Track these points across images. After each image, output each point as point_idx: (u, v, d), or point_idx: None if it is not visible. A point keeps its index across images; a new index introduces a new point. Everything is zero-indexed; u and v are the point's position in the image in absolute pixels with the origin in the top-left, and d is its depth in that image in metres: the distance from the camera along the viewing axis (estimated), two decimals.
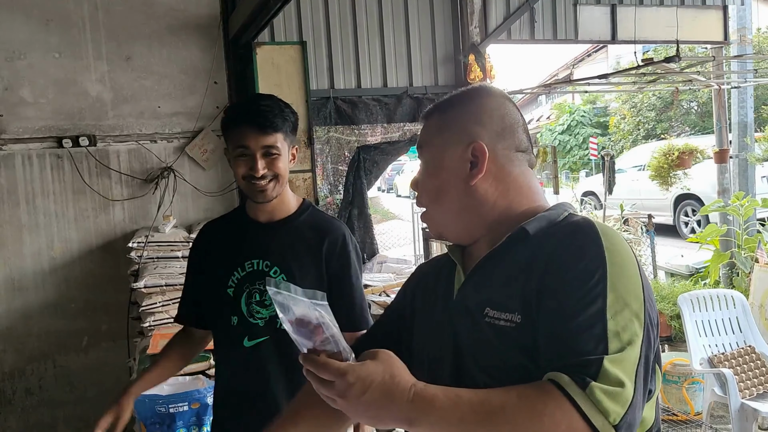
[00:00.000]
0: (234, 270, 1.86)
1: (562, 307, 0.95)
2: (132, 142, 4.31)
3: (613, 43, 5.76)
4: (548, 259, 1.00)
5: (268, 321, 1.84)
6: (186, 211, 4.39)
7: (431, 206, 1.18)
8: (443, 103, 1.20)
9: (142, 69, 4.30)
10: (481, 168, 1.11)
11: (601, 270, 0.96)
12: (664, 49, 15.02)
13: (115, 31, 4.23)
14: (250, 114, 1.76)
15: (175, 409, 2.69)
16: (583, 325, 0.93)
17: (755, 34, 15.42)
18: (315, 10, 4.79)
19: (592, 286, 0.95)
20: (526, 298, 1.00)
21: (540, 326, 0.97)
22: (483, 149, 1.11)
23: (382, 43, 4.97)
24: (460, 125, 1.15)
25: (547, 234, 1.05)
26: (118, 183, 4.29)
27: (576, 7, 5.49)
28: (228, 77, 4.46)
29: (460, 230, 1.17)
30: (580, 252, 0.99)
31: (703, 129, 17.46)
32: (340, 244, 1.88)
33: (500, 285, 1.06)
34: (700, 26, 6.00)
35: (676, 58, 4.10)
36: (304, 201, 1.95)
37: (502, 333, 1.01)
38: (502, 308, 1.03)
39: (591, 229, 1.02)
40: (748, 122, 6.59)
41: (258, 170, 1.75)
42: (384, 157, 4.94)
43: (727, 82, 6.40)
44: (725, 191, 6.50)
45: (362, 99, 4.87)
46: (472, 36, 5.05)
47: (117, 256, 4.20)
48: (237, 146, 1.77)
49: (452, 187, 1.14)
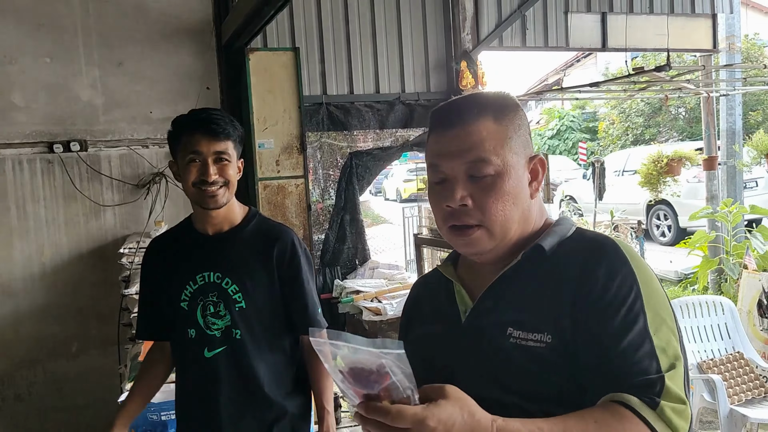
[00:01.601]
0: (186, 284, 1.88)
1: (608, 328, 0.96)
2: (123, 147, 4.29)
3: (604, 50, 5.81)
4: (579, 278, 1.00)
5: (224, 331, 1.86)
6: (178, 216, 4.35)
7: (498, 223, 1.06)
8: (488, 106, 1.09)
9: (134, 74, 4.29)
10: (541, 181, 1.09)
11: (635, 288, 0.97)
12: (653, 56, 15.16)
13: (108, 36, 4.22)
14: (202, 121, 1.79)
15: (168, 416, 2.68)
16: (634, 345, 0.94)
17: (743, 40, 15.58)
18: (308, 16, 4.80)
19: (631, 304, 0.96)
20: (557, 317, 0.99)
21: (586, 348, 0.97)
22: (544, 162, 1.09)
23: (375, 50, 4.99)
24: (524, 135, 1.10)
25: (566, 251, 1.05)
26: (110, 188, 4.28)
27: (567, 15, 5.53)
28: (221, 83, 4.46)
29: (508, 247, 1.09)
30: (612, 271, 0.99)
31: (691, 135, 17.58)
32: (289, 250, 1.90)
33: (523, 304, 1.03)
34: (689, 34, 6.06)
35: (667, 67, 4.14)
36: (250, 209, 1.97)
37: (532, 353, 0.99)
38: (529, 328, 1.01)
39: (615, 247, 1.02)
40: (736, 129, 6.65)
41: (210, 175, 1.77)
42: (376, 163, 4.96)
43: (716, 90, 6.46)
44: (714, 198, 6.56)
45: (355, 105, 4.89)
46: (464, 43, 5.07)
47: (108, 262, 4.18)
48: (188, 153, 1.78)
49: (521, 201, 1.07)
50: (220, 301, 1.86)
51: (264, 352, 1.89)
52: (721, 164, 6.54)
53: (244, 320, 1.86)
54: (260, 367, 1.87)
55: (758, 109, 17.51)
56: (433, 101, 5.07)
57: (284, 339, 1.94)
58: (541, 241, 1.06)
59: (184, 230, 1.97)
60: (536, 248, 1.05)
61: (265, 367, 1.89)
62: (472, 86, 4.95)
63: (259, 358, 1.87)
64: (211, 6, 4.44)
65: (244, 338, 1.86)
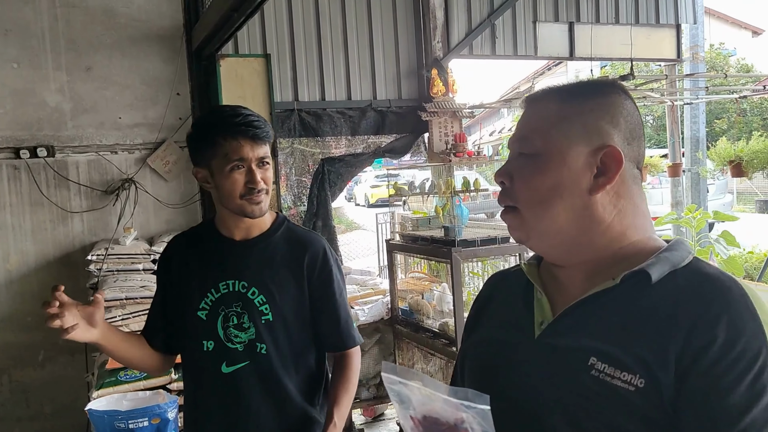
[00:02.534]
0: (207, 291, 1.74)
1: (727, 401, 0.81)
2: (92, 153, 4.25)
3: (571, 59, 5.91)
4: (692, 327, 0.84)
5: (247, 345, 1.72)
6: (147, 223, 4.34)
7: (530, 208, 0.96)
8: (562, 90, 1.00)
9: (102, 79, 4.25)
10: (611, 177, 0.93)
11: (765, 351, 0.81)
12: (621, 65, 15.44)
13: (75, 42, 4.18)
14: (246, 125, 1.66)
15: (135, 425, 2.66)
16: (756, 425, 0.79)
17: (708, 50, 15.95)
18: (279, 23, 4.81)
19: (758, 372, 0.80)
20: (653, 364, 0.84)
21: (693, 420, 0.83)
22: (619, 156, 0.93)
23: (347, 57, 5.02)
24: (591, 121, 0.95)
25: (678, 286, 0.88)
26: (77, 194, 4.23)
27: (535, 24, 5.63)
28: (191, 89, 4.44)
29: (557, 245, 0.97)
30: (737, 328, 0.82)
31: (658, 142, 17.93)
32: (321, 259, 1.78)
33: (614, 335, 0.89)
34: (654, 44, 6.20)
35: (630, 76, 4.24)
36: (278, 215, 1.85)
37: (616, 394, 0.85)
38: (617, 365, 0.86)
39: (743, 294, 0.85)
40: (700, 137, 6.82)
41: (258, 182, 1.66)
42: (348, 169, 4.97)
43: (680, 98, 6.61)
44: (678, 204, 6.70)
45: (326, 111, 4.90)
46: (434, 51, 5.13)
47: (75, 269, 4.13)
48: (232, 160, 1.65)
49: (569, 192, 0.94)
50: (244, 312, 1.72)
51: (290, 367, 1.74)
52: (685, 171, 6.69)
53: (270, 333, 1.72)
54: (287, 382, 1.74)
55: (723, 117, 17.94)
56: (405, 108, 5.11)
57: (311, 353, 1.81)
58: (649, 268, 0.89)
59: (207, 233, 1.83)
60: (641, 274, 0.90)
61: (293, 383, 1.75)
62: (442, 93, 5.00)
63: (286, 373, 1.73)
64: (182, 12, 4.43)
65: (269, 353, 1.71)
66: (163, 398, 2.84)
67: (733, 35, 21.28)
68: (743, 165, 4.94)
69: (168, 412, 2.72)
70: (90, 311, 1.57)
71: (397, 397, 0.84)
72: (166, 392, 2.93)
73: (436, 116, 4.94)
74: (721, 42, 19.56)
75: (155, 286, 3.63)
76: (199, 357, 1.76)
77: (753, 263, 5.68)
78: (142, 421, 2.67)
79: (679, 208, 6.57)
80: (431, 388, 0.82)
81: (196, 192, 4.43)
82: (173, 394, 2.95)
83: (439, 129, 4.95)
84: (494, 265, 4.07)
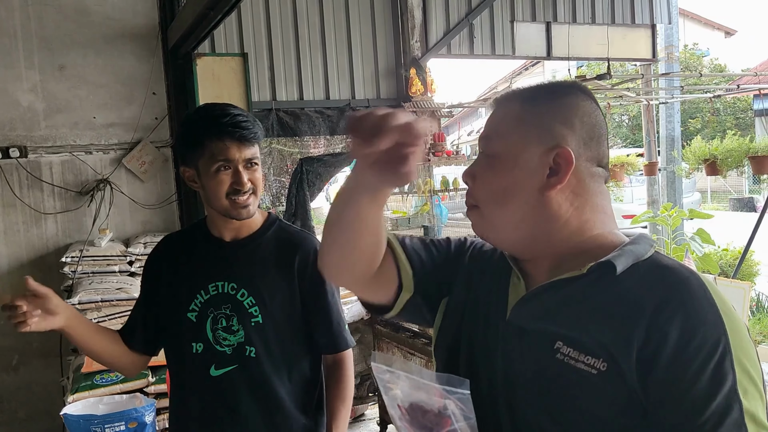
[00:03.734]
0: (197, 293, 1.70)
1: (691, 390, 0.84)
2: (65, 153, 4.18)
3: (549, 59, 5.95)
4: (653, 318, 0.87)
5: (236, 348, 1.68)
6: (123, 224, 4.28)
7: (488, 207, 1.01)
8: (526, 91, 1.03)
9: (76, 78, 4.19)
10: (562, 178, 0.96)
11: (724, 339, 0.85)
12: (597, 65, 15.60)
13: (49, 40, 4.11)
14: (232, 126, 1.62)
15: (111, 429, 2.63)
16: (719, 411, 0.83)
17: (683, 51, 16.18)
18: (256, 22, 4.78)
19: (720, 359, 0.84)
20: (613, 347, 0.88)
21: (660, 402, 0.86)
22: (570, 157, 0.96)
23: (324, 56, 5.00)
24: (546, 122, 0.98)
25: (641, 278, 0.92)
26: (51, 195, 4.16)
27: (513, 24, 5.65)
28: (167, 88, 4.39)
29: (516, 241, 1.02)
30: (697, 315, 0.86)
31: (633, 141, 18.16)
32: (312, 259, 1.72)
33: (579, 321, 0.92)
34: (629, 44, 6.27)
35: (607, 76, 4.28)
36: (269, 215, 1.80)
37: (580, 377, 0.89)
38: (581, 349, 0.90)
39: (701, 285, 0.89)
40: (675, 136, 6.91)
41: (244, 183, 1.62)
42: (327, 169, 4.95)
43: (656, 98, 6.69)
44: (654, 202, 6.78)
45: (305, 111, 4.88)
46: (413, 50, 5.13)
47: (49, 272, 4.06)
48: (217, 161, 1.61)
49: (522, 191, 0.98)
50: (233, 314, 1.68)
51: (282, 372, 1.70)
52: (661, 170, 6.77)
53: (260, 336, 1.68)
54: (279, 387, 1.69)
55: (697, 116, 18.21)
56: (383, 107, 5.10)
57: (304, 358, 1.76)
58: (614, 259, 0.93)
59: (198, 233, 1.78)
60: (606, 265, 0.93)
61: (285, 388, 1.70)
62: (421, 93, 5.00)
63: (277, 378, 1.69)
64: (157, 10, 4.38)
65: (259, 356, 1.67)
66: (140, 402, 2.80)
67: (707, 36, 21.61)
68: (717, 163, 4.99)
69: (145, 415, 2.69)
70: (39, 301, 1.50)
71: (384, 387, 0.85)
72: (143, 396, 2.90)
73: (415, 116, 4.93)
74: (695, 42, 19.85)
75: (132, 288, 3.62)
76: (187, 360, 1.72)
77: (727, 260, 5.76)
78: (118, 425, 2.63)
79: (656, 206, 6.65)
80: (416, 376, 0.84)
81: (173, 193, 4.38)
82: (151, 397, 2.91)
83: None
84: None
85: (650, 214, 6.45)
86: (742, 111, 18.37)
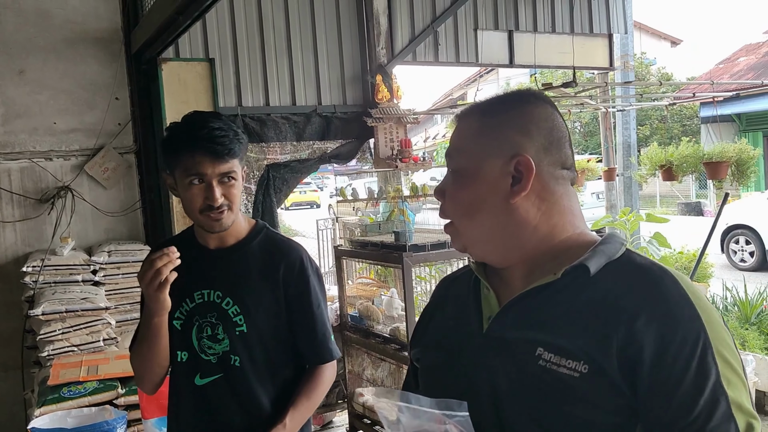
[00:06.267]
0: (183, 301, 1.70)
1: (678, 384, 0.86)
2: (25, 159, 4.06)
3: (511, 66, 6.05)
4: (630, 318, 0.88)
5: (221, 357, 1.67)
6: (85, 232, 4.18)
7: (460, 220, 1.03)
8: (483, 105, 1.06)
9: (36, 83, 4.08)
10: (525, 185, 0.98)
11: (703, 335, 0.87)
12: (551, 73, 15.92)
13: (7, 44, 3.99)
14: (205, 140, 1.59)
15: None
16: (709, 406, 0.85)
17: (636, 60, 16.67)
18: (221, 27, 4.74)
19: (701, 355, 0.86)
20: (594, 349, 0.89)
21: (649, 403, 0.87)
22: (530, 164, 0.98)
23: (290, 62, 4.98)
24: (503, 133, 1.00)
25: (614, 277, 0.94)
26: (9, 203, 4.03)
27: (476, 32, 5.74)
28: (131, 93, 4.31)
29: (491, 251, 1.03)
30: (675, 314, 0.88)
31: (586, 148, 18.59)
32: (297, 268, 1.72)
33: (558, 326, 0.94)
34: (588, 53, 6.43)
35: (574, 83, 4.39)
36: (257, 223, 1.80)
37: (562, 382, 0.90)
38: (562, 353, 0.91)
39: (674, 282, 0.91)
40: (631, 143, 7.11)
41: (216, 199, 1.60)
42: (293, 175, 4.93)
43: (613, 105, 6.88)
44: (613, 207, 6.96)
45: (271, 117, 4.85)
46: (378, 57, 5.15)
47: (8, 281, 3.94)
48: (190, 174, 1.60)
49: (488, 202, 1.00)
50: (218, 323, 1.67)
51: (266, 381, 1.69)
52: (619, 175, 6.96)
53: (245, 346, 1.67)
54: (263, 397, 1.68)
55: (646, 123, 18.77)
56: (350, 114, 5.11)
57: (289, 366, 1.75)
58: (587, 261, 0.95)
59: (185, 242, 1.76)
60: (580, 268, 0.94)
61: (269, 397, 1.69)
62: (387, 99, 5.03)
63: (261, 387, 1.68)
64: (120, 14, 4.29)
65: (243, 366, 1.67)
66: (110, 414, 2.73)
67: (654, 45, 22.32)
68: (673, 169, 5.16)
69: (117, 428, 2.62)
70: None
71: (387, 421, 0.87)
72: (113, 408, 2.82)
73: (382, 122, 4.96)
74: (643, 51, 20.48)
75: (97, 298, 3.52)
76: (175, 369, 1.73)
77: (683, 263, 5.95)
78: None
79: (614, 211, 6.82)
80: (415, 404, 0.86)
81: (137, 200, 4.29)
82: (121, 409, 2.84)
83: (384, 135, 4.97)
84: (440, 269, 4.12)
85: (609, 218, 6.62)
86: (688, 118, 19.02)
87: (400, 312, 3.94)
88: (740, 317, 5.25)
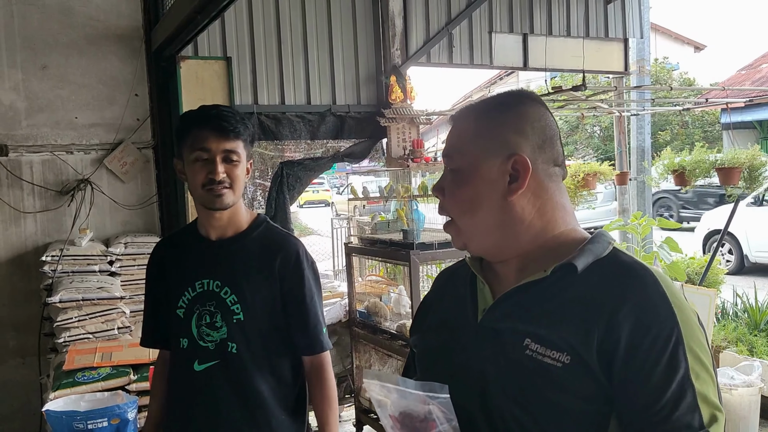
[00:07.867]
0: (185, 290, 1.78)
1: (648, 378, 0.92)
2: (46, 152, 4.18)
3: (525, 69, 6.08)
4: (612, 313, 0.95)
5: (218, 344, 1.75)
6: (103, 224, 4.29)
7: (460, 218, 1.09)
8: (478, 106, 1.12)
9: (58, 78, 4.20)
10: (522, 183, 1.04)
11: (676, 330, 0.93)
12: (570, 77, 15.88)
13: (31, 39, 4.12)
14: (212, 118, 1.71)
15: (94, 425, 2.65)
16: (675, 396, 0.91)
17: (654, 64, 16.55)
18: (239, 26, 4.82)
19: (673, 350, 0.92)
20: (576, 342, 0.96)
21: (622, 392, 0.94)
22: (526, 163, 1.04)
23: (306, 61, 5.06)
24: (499, 134, 1.06)
25: (600, 275, 1.00)
26: (31, 195, 4.15)
27: (491, 34, 5.78)
28: (150, 90, 4.42)
29: (490, 246, 1.09)
30: (651, 310, 0.94)
31: (605, 152, 18.49)
32: (293, 262, 1.79)
33: (545, 319, 1.00)
34: (603, 57, 6.44)
35: (583, 87, 4.42)
36: (258, 216, 1.87)
37: (546, 371, 0.97)
38: (548, 344, 0.98)
39: (655, 281, 0.97)
40: (645, 147, 7.11)
41: (218, 173, 1.68)
42: (307, 173, 5.01)
43: (627, 109, 6.88)
44: (625, 211, 6.96)
45: (286, 115, 4.92)
46: (393, 58, 5.21)
47: (27, 270, 4.06)
48: (195, 149, 1.70)
49: (487, 200, 1.05)
50: (217, 311, 1.75)
51: (263, 369, 1.76)
52: (632, 179, 6.95)
53: (242, 334, 1.74)
54: (260, 384, 1.75)
55: (667, 128, 18.61)
56: (363, 113, 5.18)
57: (285, 357, 1.82)
58: (575, 260, 1.01)
59: (188, 234, 1.87)
60: (568, 267, 1.01)
61: (266, 386, 1.76)
62: (401, 100, 5.08)
63: (258, 375, 1.75)
64: (141, 12, 4.40)
65: (240, 353, 1.74)
66: (122, 399, 2.83)
67: (677, 50, 22.10)
68: (686, 174, 5.17)
69: (128, 412, 2.72)
70: None
71: (377, 401, 0.93)
72: (125, 393, 2.92)
73: (395, 122, 5.02)
74: (665, 56, 20.30)
75: (113, 288, 3.64)
76: (176, 355, 1.82)
77: (694, 268, 5.93)
78: (101, 422, 2.66)
79: (626, 215, 6.82)
80: (402, 386, 0.93)
81: (154, 194, 4.40)
82: (132, 394, 2.94)
83: (397, 135, 5.03)
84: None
85: (621, 222, 6.62)
86: (710, 124, 18.82)
87: (407, 309, 4.01)
88: (749, 324, 5.23)
